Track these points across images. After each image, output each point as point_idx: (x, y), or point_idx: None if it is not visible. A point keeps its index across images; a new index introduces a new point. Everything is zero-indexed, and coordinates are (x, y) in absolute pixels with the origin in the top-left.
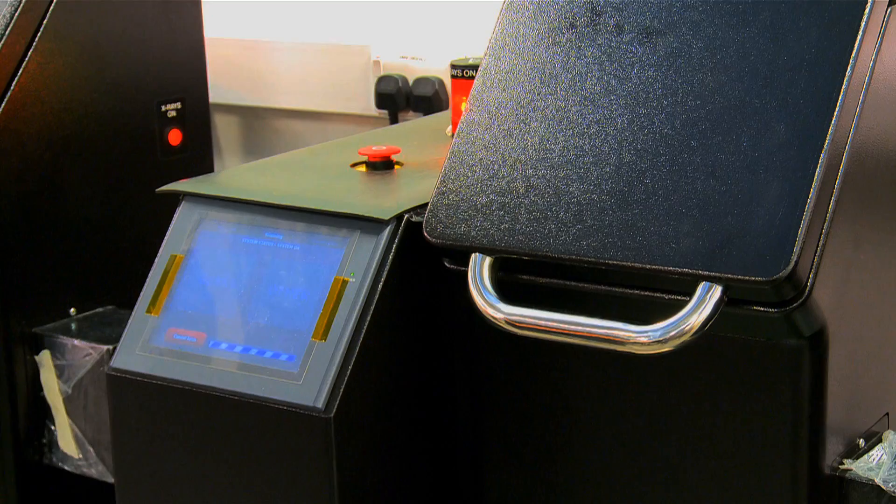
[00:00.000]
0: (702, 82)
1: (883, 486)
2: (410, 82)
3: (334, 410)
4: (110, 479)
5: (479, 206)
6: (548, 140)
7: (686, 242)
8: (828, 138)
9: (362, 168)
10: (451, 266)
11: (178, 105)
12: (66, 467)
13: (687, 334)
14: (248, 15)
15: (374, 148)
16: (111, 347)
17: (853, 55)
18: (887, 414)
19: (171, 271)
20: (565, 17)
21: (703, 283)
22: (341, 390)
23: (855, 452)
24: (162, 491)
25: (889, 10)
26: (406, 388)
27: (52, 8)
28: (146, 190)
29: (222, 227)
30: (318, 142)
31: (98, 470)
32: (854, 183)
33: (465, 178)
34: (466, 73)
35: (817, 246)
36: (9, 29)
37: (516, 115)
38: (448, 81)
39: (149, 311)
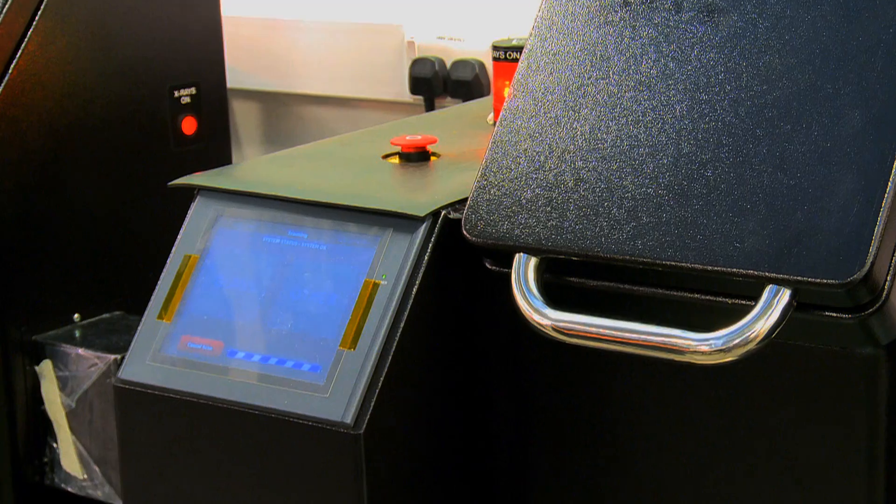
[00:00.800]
0: (768, 65)
1: None
2: (448, 65)
3: (364, 426)
4: (118, 502)
5: (524, 201)
6: (599, 129)
7: (751, 241)
8: None
9: (395, 160)
10: (493, 267)
11: (193, 90)
12: (69, 489)
13: (752, 342)
14: None
15: (407, 137)
16: (119, 357)
17: None
18: None
19: (185, 273)
20: None
21: (770, 286)
22: (372, 404)
23: None
24: None
25: None
26: (442, 400)
27: None
28: (157, 184)
29: (241, 225)
30: (346, 131)
31: (104, 492)
32: None
33: (509, 171)
34: (510, 55)
35: None
36: (6, 6)
37: (564, 101)
38: (489, 64)
39: (160, 316)
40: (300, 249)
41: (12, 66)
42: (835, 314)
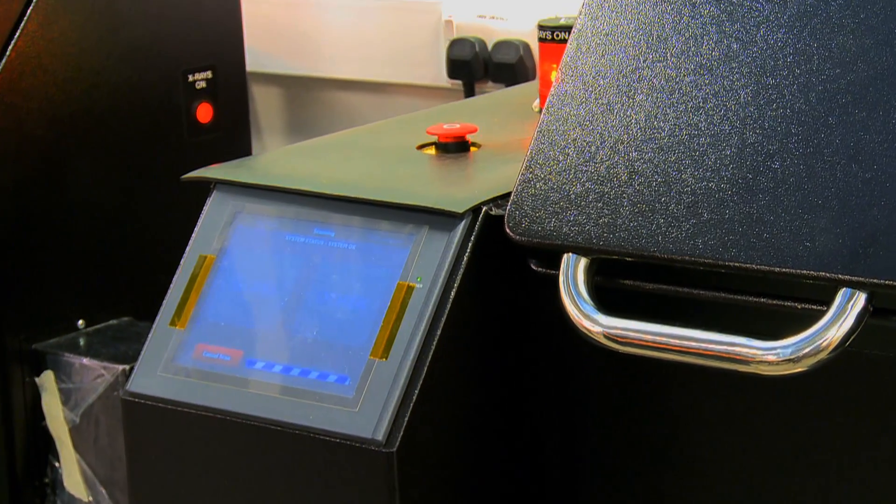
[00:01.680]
0: (842, 46)
1: None
2: (489, 47)
3: (397, 443)
4: None
5: (573, 196)
6: (656, 116)
7: (823, 240)
8: None
9: (431, 150)
10: (539, 269)
11: (209, 74)
12: None
13: (824, 351)
14: None
15: (445, 126)
16: (127, 367)
17: None
18: None
19: (200, 275)
20: None
21: (844, 289)
22: (405, 419)
23: None
24: None
25: None
26: (483, 414)
27: None
28: (169, 177)
29: (262, 222)
30: (377, 118)
31: None
32: None
33: (556, 163)
34: (557, 35)
35: None
36: None
37: (617, 85)
38: (535, 46)
39: (173, 323)
40: (327, 249)
41: (10, 47)
42: None
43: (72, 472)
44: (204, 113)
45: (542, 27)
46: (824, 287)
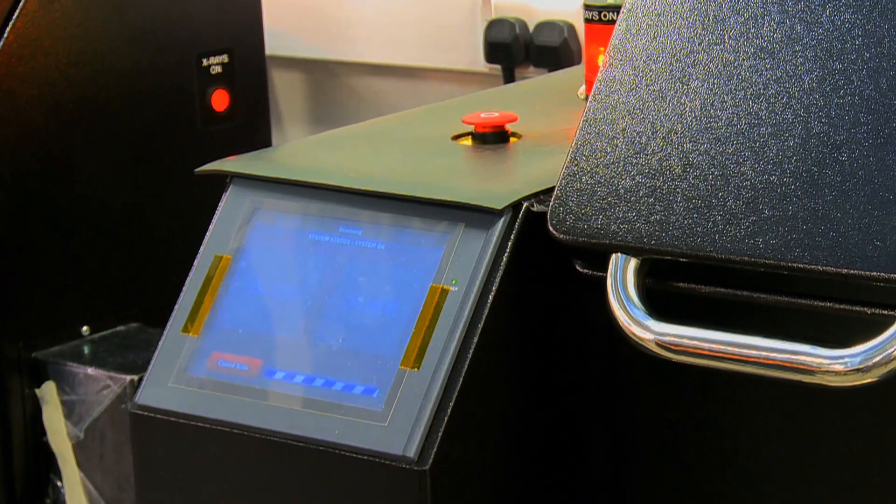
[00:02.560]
0: None
1: None
2: (531, 28)
3: (430, 460)
4: None
5: (622, 191)
6: (712, 104)
7: (894, 240)
8: None
9: (467, 141)
10: (585, 270)
11: (225, 58)
12: None
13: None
14: None
15: (482, 115)
16: (136, 378)
17: None
18: None
19: (216, 277)
20: None
21: None
22: (439, 434)
23: None
24: None
25: None
26: (523, 428)
27: None
28: (182, 170)
29: (282, 220)
30: (408, 106)
31: None
32: None
33: (604, 155)
34: (605, 15)
35: None
36: None
37: (671, 70)
38: (581, 27)
39: (186, 329)
40: (353, 249)
41: (8, 28)
42: None
43: (75, 492)
44: (219, 100)
45: (588, 7)
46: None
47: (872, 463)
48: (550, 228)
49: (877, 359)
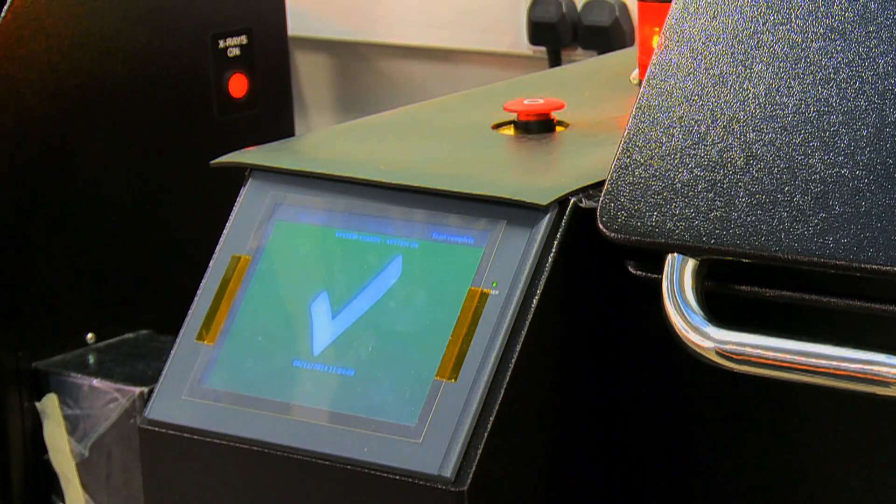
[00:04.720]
0: None
1: None
2: (578, 7)
3: (468, 481)
4: None
5: (678, 185)
6: (778, 90)
7: None
8: None
9: (509, 130)
10: (638, 272)
11: (243, 39)
12: None
13: None
14: None
15: (526, 101)
16: (146, 390)
17: None
18: None
19: (233, 280)
20: None
21: None
22: (478, 452)
23: None
24: None
25: None
26: (570, 445)
27: None
28: (197, 162)
29: (305, 216)
30: (445, 92)
31: None
32: None
33: (659, 146)
34: None
35: None
36: None
37: (732, 53)
38: (633, 5)
39: (200, 337)
40: (384, 248)
41: (6, 7)
42: None
43: None
44: (237, 86)
45: None
46: None
47: None
48: (600, 226)
49: None
